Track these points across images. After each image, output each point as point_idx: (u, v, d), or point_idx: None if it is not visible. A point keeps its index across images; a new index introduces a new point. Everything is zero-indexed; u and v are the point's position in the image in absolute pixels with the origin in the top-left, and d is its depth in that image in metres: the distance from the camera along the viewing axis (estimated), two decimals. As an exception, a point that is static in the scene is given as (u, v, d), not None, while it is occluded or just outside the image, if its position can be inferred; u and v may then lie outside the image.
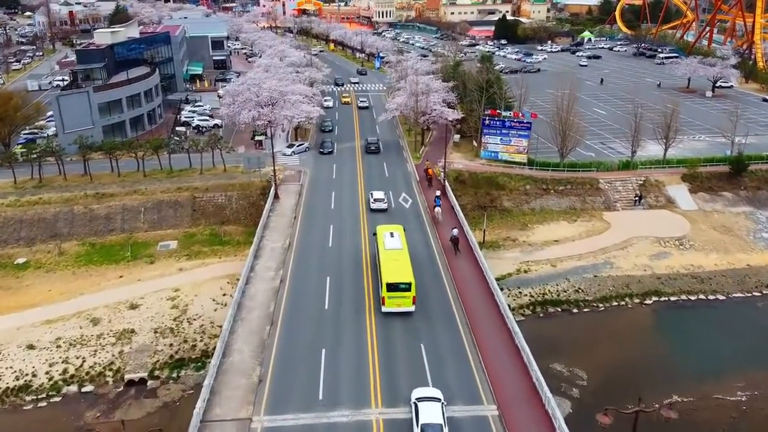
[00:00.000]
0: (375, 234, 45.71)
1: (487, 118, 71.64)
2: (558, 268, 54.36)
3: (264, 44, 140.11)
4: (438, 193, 58.47)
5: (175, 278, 52.14)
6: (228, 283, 50.75)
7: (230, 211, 62.27)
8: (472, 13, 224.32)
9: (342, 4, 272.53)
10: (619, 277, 53.82)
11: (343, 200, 60.38)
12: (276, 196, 60.41)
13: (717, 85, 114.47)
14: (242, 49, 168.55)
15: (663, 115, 72.89)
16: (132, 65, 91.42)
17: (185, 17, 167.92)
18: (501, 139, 71.45)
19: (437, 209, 55.53)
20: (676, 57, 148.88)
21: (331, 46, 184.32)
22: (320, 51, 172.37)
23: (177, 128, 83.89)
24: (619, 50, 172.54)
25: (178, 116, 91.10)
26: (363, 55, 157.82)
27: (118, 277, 52.96)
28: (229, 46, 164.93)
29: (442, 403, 29.99)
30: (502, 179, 68.19)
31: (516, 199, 66.54)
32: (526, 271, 53.74)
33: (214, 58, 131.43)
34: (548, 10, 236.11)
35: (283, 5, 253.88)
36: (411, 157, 74.58)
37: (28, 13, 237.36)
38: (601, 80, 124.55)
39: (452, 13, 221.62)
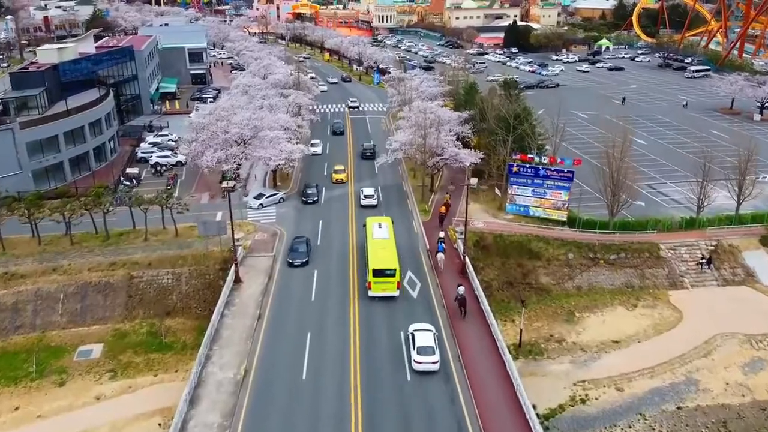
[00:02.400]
0: (364, 225, 48.15)
1: (515, 164, 56.43)
2: (626, 394, 39.07)
3: (250, 56, 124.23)
4: (441, 235, 50.38)
5: (90, 414, 36.84)
6: (159, 425, 35.53)
7: (178, 296, 46.89)
8: (479, 17, 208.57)
9: (340, 7, 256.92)
10: (711, 410, 38.47)
11: (330, 284, 44.97)
12: (237, 279, 45.16)
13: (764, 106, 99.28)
14: (228, 58, 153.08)
15: (719, 149, 57.58)
16: (83, 88, 76.04)
17: (166, 24, 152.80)
18: (533, 190, 56.08)
19: (440, 255, 47.44)
20: (707, 70, 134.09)
21: (327, 55, 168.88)
22: (306, 57, 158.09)
23: (128, 169, 67.99)
24: (641, 60, 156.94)
25: (137, 149, 75.72)
26: (361, 68, 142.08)
27: (13, 409, 37.65)
28: (214, 55, 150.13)
29: (434, 333, 35.22)
30: (536, 245, 52.93)
31: (556, 272, 51.36)
32: (583, 401, 38.40)
33: (192, 72, 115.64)
34: (559, 15, 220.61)
35: (277, 8, 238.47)
36: (417, 211, 58.85)
37: (9, 17, 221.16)
38: (623, 99, 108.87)
39: (457, 18, 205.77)
